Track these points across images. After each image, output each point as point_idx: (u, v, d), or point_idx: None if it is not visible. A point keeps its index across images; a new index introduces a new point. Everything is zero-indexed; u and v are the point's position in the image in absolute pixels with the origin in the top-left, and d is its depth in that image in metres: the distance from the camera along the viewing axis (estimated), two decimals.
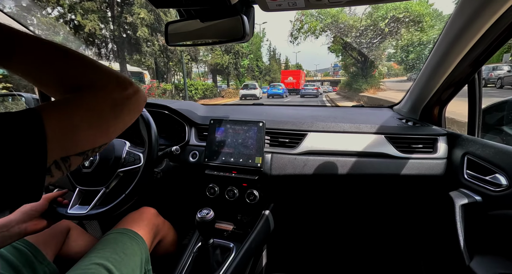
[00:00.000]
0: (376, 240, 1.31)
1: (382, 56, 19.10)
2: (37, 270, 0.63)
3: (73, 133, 0.33)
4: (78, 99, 0.35)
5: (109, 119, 0.38)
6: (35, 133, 0.29)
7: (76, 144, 0.34)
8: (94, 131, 0.36)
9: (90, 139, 0.35)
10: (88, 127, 0.35)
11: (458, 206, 0.75)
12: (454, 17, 0.74)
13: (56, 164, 0.32)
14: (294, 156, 0.97)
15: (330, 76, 70.13)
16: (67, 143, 0.33)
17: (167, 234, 0.91)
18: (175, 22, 0.73)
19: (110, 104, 0.38)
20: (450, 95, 0.97)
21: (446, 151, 0.92)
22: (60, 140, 0.31)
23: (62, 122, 0.32)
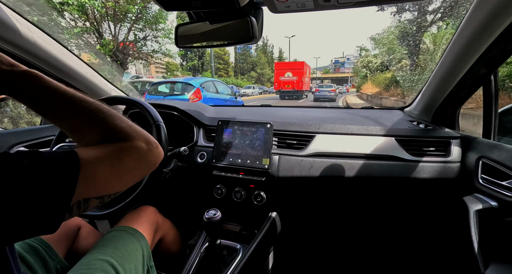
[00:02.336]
0: (385, 245, 1.28)
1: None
2: (50, 266, 0.65)
3: (100, 181, 0.38)
4: (113, 151, 0.40)
5: (130, 170, 0.43)
6: (70, 176, 0.33)
7: (99, 189, 0.38)
8: (117, 180, 0.41)
9: (112, 186, 0.40)
10: (114, 176, 0.40)
11: (473, 211, 0.73)
12: (470, 15, 0.71)
13: (78, 204, 0.35)
14: (301, 157, 0.96)
15: (330, 73, 67.05)
16: (93, 188, 0.37)
17: (168, 232, 0.92)
18: (184, 24, 0.74)
19: (135, 157, 0.43)
20: (464, 97, 0.94)
21: (460, 154, 0.90)
22: (88, 185, 0.36)
23: (95, 171, 0.37)
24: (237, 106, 1.58)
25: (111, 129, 0.43)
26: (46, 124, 1.24)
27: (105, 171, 0.38)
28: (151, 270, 0.72)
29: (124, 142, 0.43)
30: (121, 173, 0.41)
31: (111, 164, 0.39)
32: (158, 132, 0.80)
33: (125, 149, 0.42)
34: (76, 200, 0.34)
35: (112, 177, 0.40)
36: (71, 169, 0.34)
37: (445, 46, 0.87)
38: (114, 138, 0.42)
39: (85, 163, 0.35)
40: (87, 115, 0.42)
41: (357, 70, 57.05)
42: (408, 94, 10.17)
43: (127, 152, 0.42)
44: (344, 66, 66.71)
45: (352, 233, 1.30)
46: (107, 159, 0.39)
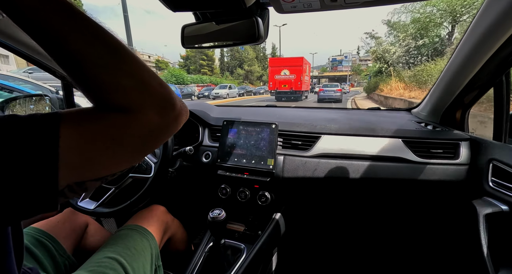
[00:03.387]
0: (390, 247, 1.26)
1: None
2: (58, 262, 0.67)
3: (92, 162, 0.29)
4: (109, 125, 0.30)
5: (137, 148, 0.33)
6: (47, 163, 0.26)
7: (94, 171, 0.30)
8: (117, 160, 0.32)
9: (111, 166, 0.32)
10: (112, 156, 0.31)
11: (482, 215, 0.71)
12: (481, 14, 0.70)
13: (70, 187, 0.29)
14: (306, 158, 0.96)
15: (328, 72, 65.16)
16: (84, 170, 0.29)
17: (177, 231, 0.92)
18: (190, 25, 0.74)
19: (143, 134, 0.32)
20: (474, 98, 0.92)
21: (469, 156, 0.88)
22: (76, 166, 0.28)
23: (82, 154, 0.28)
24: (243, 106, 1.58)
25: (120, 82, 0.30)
26: None
27: (100, 151, 0.29)
28: (159, 270, 0.73)
29: (126, 114, 0.30)
30: (125, 153, 0.32)
31: (107, 143, 0.30)
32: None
33: (125, 126, 0.30)
34: (65, 183, 0.28)
35: (112, 158, 0.31)
36: (48, 155, 0.26)
37: (455, 46, 0.85)
38: (119, 99, 0.30)
39: (67, 147, 0.27)
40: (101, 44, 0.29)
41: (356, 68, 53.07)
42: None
43: (129, 134, 0.31)
44: (342, 64, 65.01)
45: (357, 235, 1.28)
46: (98, 141, 0.29)
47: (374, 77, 16.18)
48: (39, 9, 0.25)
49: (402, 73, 11.44)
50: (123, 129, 0.30)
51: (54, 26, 0.26)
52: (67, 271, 0.68)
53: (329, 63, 71.07)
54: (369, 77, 20.21)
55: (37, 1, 0.25)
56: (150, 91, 0.31)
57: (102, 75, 0.29)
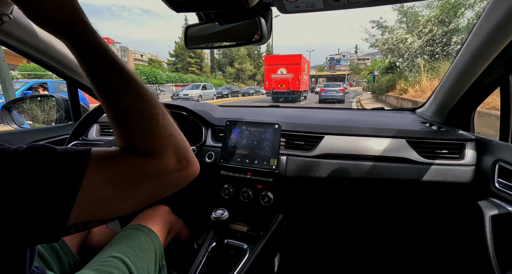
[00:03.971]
0: (394, 249, 1.25)
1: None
2: (63, 260, 0.67)
3: (105, 204, 0.31)
4: (130, 167, 0.33)
5: (146, 194, 0.35)
6: (67, 194, 0.28)
7: (103, 213, 0.32)
8: (126, 204, 0.34)
9: (119, 210, 0.33)
10: (123, 198, 0.33)
11: (488, 216, 0.70)
12: (487, 13, 0.69)
13: (76, 226, 0.30)
14: (309, 158, 0.95)
15: (325, 71, 63.73)
16: (95, 211, 0.31)
17: (181, 231, 0.93)
18: (194, 25, 0.75)
19: (156, 178, 0.34)
20: (480, 98, 0.91)
21: (475, 157, 0.87)
22: (89, 207, 0.30)
23: (100, 192, 0.31)
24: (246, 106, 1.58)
25: (147, 130, 0.34)
26: (61, 124, 1.28)
27: (112, 195, 0.32)
28: (163, 269, 0.73)
29: (147, 158, 0.34)
30: (131, 198, 0.34)
31: (121, 190, 0.32)
32: None
33: (143, 170, 0.33)
34: (73, 222, 0.30)
35: (120, 201, 0.33)
36: (68, 194, 0.28)
37: (460, 46, 0.84)
38: (140, 145, 0.34)
39: (87, 187, 0.29)
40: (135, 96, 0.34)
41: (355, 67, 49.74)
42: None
43: (145, 176, 0.34)
44: (339, 63, 63.72)
45: (360, 236, 1.27)
46: (117, 184, 0.32)
47: (383, 74, 13.49)
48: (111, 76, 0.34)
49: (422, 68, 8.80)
50: (141, 171, 0.33)
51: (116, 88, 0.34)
52: (72, 270, 0.69)
53: (327, 62, 69.74)
54: (372, 76, 18.73)
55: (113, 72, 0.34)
56: (173, 142, 0.36)
57: (141, 122, 0.34)
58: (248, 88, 26.58)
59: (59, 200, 0.28)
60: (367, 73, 29.30)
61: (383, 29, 11.39)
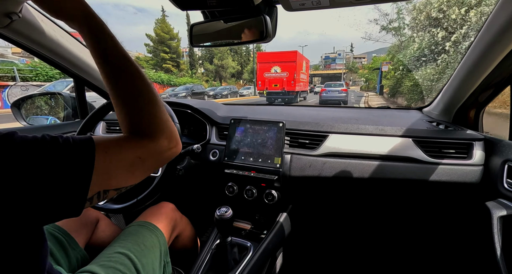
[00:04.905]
0: (398, 249, 1.24)
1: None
2: (70, 255, 0.69)
3: (118, 175, 0.40)
4: (137, 150, 0.41)
5: (147, 167, 0.44)
6: (84, 170, 0.35)
7: (116, 183, 0.40)
8: (135, 175, 0.42)
9: (129, 180, 0.42)
10: (132, 172, 0.42)
11: (496, 217, 0.69)
12: (498, 10, 0.67)
13: (98, 194, 0.38)
14: (314, 157, 0.95)
15: (321, 70, 61.64)
16: (111, 181, 0.39)
17: (185, 229, 0.94)
18: (199, 23, 0.75)
19: (156, 157, 0.44)
20: (489, 97, 0.89)
21: (483, 157, 0.85)
22: (106, 178, 0.38)
23: (115, 167, 0.39)
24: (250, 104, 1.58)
25: (150, 116, 0.43)
26: (69, 121, 1.30)
27: (124, 168, 0.40)
28: (167, 266, 0.74)
29: (150, 139, 0.43)
30: (139, 170, 0.43)
31: (132, 163, 0.41)
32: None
33: (149, 149, 0.43)
34: (95, 191, 0.37)
35: (131, 173, 0.41)
36: (86, 165, 0.35)
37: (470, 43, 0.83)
38: (144, 127, 0.43)
39: (100, 159, 0.36)
40: (139, 78, 0.43)
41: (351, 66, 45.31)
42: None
43: (150, 153, 0.43)
44: (335, 62, 61.76)
45: (365, 236, 1.27)
46: (129, 158, 0.40)
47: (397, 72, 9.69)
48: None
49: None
50: (147, 151, 0.43)
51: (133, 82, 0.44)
52: (79, 265, 0.70)
53: (322, 61, 67.65)
54: (379, 73, 14.64)
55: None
56: (169, 125, 0.46)
57: (148, 106, 0.44)
58: (222, 88, 21.67)
59: (78, 177, 0.34)
60: (371, 70, 27.48)
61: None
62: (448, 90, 0.99)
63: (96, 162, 0.36)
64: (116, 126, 1.27)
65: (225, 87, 22.19)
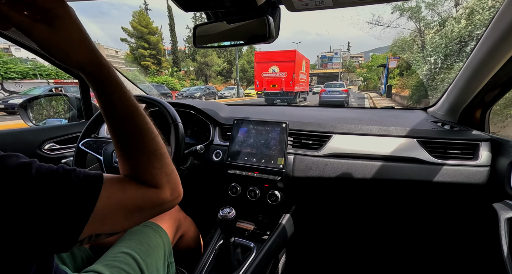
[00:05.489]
0: (402, 250, 1.23)
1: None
2: (75, 254, 0.69)
3: (112, 221, 0.38)
4: (134, 195, 0.40)
5: (145, 216, 0.43)
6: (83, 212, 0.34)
7: (110, 228, 0.38)
8: (131, 222, 0.41)
9: (125, 226, 0.41)
10: (129, 218, 0.40)
11: (504, 219, 0.68)
12: (504, 8, 0.66)
13: (90, 237, 0.36)
14: (317, 158, 0.95)
15: (317, 69, 59.92)
16: (105, 226, 0.37)
17: (189, 229, 0.94)
18: (202, 24, 0.75)
19: (157, 209, 0.43)
20: (496, 97, 0.88)
21: (489, 158, 0.84)
22: (101, 223, 0.36)
23: (110, 211, 0.37)
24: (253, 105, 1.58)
25: (154, 170, 0.42)
26: (73, 122, 1.32)
27: (122, 215, 0.39)
28: (171, 266, 0.74)
29: (153, 190, 0.42)
30: (135, 218, 0.41)
31: (131, 211, 0.39)
32: (176, 132, 0.83)
33: (149, 199, 0.41)
34: (88, 234, 0.35)
35: (127, 220, 0.40)
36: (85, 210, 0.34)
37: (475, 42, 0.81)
38: (148, 179, 0.42)
39: (101, 207, 0.35)
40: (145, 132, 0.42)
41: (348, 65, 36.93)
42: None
43: (150, 204, 0.42)
44: (332, 61, 60.52)
45: (368, 237, 1.26)
46: (128, 207, 0.39)
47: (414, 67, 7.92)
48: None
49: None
50: (147, 202, 0.41)
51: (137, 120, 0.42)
52: (84, 264, 0.70)
53: (318, 60, 66.22)
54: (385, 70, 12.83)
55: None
56: (172, 177, 0.45)
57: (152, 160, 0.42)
58: (196, 89, 18.56)
59: (76, 216, 0.33)
60: (373, 68, 26.05)
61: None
62: (454, 90, 0.98)
63: (96, 205, 0.35)
64: None
65: (199, 88, 19.10)
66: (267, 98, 14.28)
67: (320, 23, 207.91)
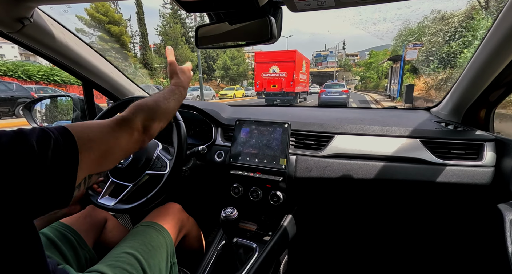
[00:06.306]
0: (406, 252, 1.22)
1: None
2: (80, 254, 0.70)
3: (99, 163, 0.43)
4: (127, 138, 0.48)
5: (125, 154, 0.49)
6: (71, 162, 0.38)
7: (98, 168, 0.43)
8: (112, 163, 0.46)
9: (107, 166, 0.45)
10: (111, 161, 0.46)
11: (509, 220, 0.67)
12: (509, 8, 0.66)
13: (84, 180, 0.41)
14: (319, 158, 0.94)
15: (311, 68, 56.85)
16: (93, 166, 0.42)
17: (191, 229, 0.94)
18: (204, 25, 0.75)
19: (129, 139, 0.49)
20: (501, 96, 0.87)
21: (494, 158, 0.83)
22: (89, 163, 0.40)
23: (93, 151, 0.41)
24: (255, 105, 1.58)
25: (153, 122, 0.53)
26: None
27: (105, 156, 0.43)
28: (174, 266, 0.74)
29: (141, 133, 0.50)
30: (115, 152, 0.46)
31: (107, 143, 0.44)
32: (178, 130, 0.83)
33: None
34: (82, 178, 0.39)
35: (111, 162, 0.45)
36: (71, 155, 0.37)
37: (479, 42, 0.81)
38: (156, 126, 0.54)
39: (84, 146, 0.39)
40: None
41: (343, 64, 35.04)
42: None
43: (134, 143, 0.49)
44: (327, 60, 59.16)
45: (371, 238, 1.25)
46: (106, 138, 0.44)
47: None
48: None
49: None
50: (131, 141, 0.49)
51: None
52: (87, 264, 0.71)
53: (313, 59, 63.90)
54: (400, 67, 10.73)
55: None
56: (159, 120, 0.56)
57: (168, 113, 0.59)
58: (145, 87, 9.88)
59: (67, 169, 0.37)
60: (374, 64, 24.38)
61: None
62: (457, 89, 0.97)
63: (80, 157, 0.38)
64: None
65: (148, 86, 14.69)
66: (267, 98, 14.19)
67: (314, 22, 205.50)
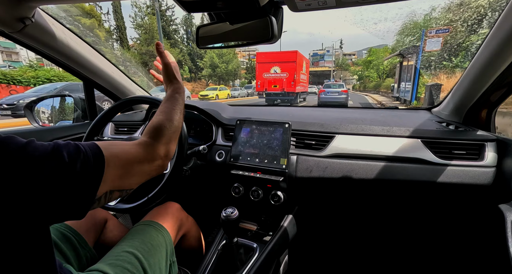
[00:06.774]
0: (407, 252, 1.22)
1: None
2: (80, 254, 0.70)
3: (122, 179, 0.46)
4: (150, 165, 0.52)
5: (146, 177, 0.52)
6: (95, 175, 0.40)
7: (121, 184, 0.46)
8: (135, 183, 0.49)
9: (130, 185, 0.48)
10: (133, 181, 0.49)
11: (510, 220, 0.67)
12: (510, 8, 0.66)
13: (105, 195, 0.43)
14: (320, 158, 0.94)
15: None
16: (116, 183, 0.44)
17: (191, 228, 0.94)
18: (205, 25, 0.75)
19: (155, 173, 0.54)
20: (502, 97, 0.87)
21: (495, 158, 0.83)
22: (113, 180, 0.43)
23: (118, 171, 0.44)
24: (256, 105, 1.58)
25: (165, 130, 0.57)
26: (78, 123, 1.33)
27: (125, 169, 0.46)
28: (173, 265, 0.75)
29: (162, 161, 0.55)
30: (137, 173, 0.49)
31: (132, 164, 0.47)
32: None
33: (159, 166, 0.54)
34: (103, 192, 0.41)
35: (135, 184, 0.49)
36: (97, 167, 0.40)
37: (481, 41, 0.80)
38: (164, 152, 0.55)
39: (111, 162, 0.42)
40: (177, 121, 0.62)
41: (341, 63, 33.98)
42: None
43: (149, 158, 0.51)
44: (324, 59, 58.02)
45: (372, 239, 1.25)
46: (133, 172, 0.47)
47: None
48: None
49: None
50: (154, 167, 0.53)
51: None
52: (88, 263, 0.71)
53: (310, 58, 61.76)
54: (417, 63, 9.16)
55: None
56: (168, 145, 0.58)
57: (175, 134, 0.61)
58: (41, 89, 8.98)
59: (93, 177, 0.40)
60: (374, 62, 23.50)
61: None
62: (459, 89, 0.97)
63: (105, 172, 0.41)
64: (124, 128, 1.29)
65: (45, 87, 9.68)
66: (267, 98, 14.24)
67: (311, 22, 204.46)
